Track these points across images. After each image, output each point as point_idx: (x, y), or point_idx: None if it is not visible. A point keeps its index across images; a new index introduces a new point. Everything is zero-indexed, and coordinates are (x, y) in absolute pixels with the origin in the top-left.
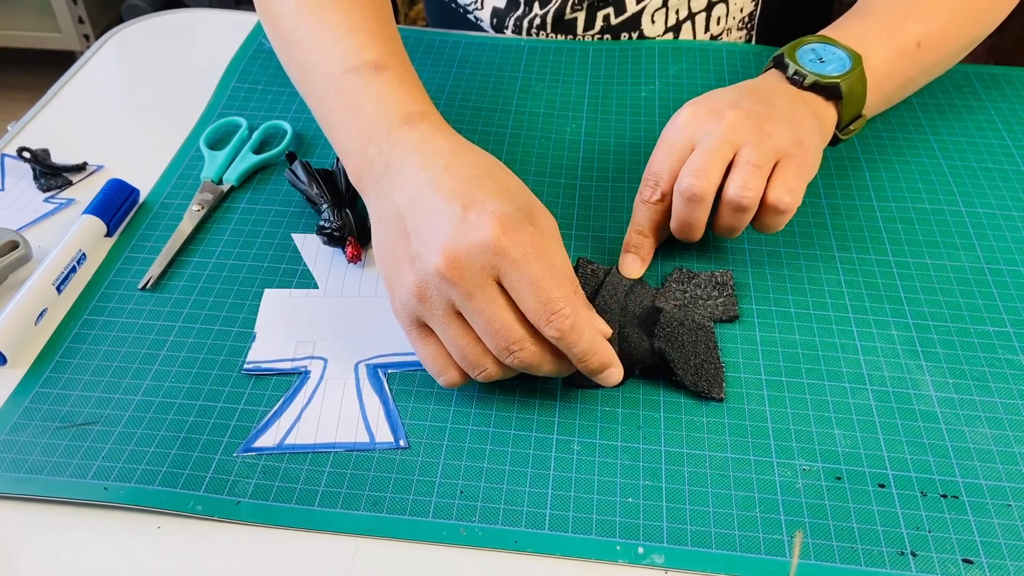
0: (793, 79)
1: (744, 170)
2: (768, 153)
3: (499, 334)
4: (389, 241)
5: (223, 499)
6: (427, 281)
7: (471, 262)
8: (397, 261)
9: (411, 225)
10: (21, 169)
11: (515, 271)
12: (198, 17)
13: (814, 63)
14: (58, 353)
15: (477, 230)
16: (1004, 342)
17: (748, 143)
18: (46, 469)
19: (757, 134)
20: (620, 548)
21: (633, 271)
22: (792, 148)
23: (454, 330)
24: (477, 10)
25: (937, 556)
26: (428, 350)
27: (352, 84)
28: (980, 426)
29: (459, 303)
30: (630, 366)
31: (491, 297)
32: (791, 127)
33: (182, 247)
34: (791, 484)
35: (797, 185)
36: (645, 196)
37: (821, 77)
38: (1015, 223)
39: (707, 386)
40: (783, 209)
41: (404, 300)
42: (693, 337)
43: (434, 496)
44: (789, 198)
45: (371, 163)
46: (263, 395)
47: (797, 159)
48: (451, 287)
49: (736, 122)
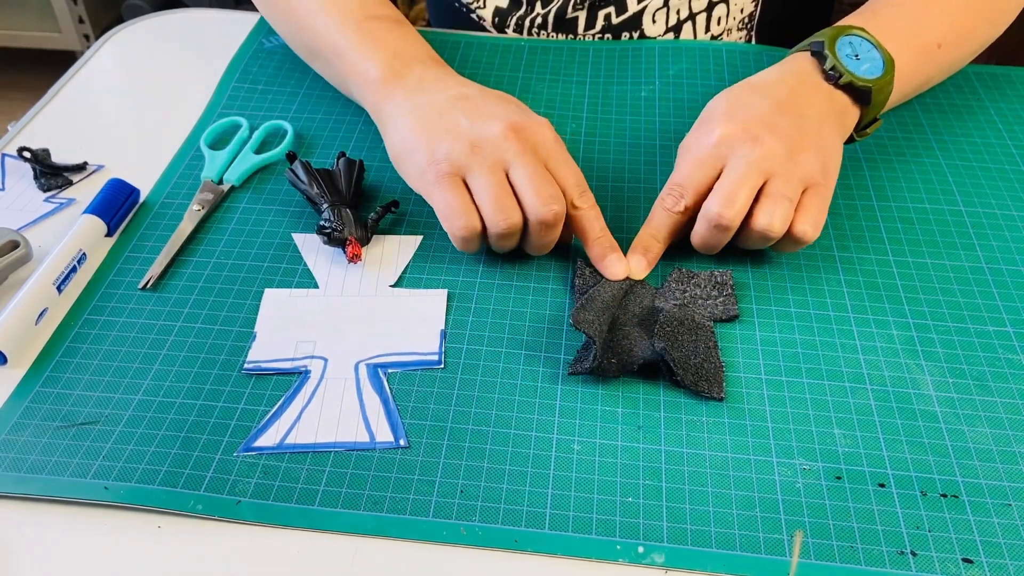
0: (829, 74)
1: (777, 202)
2: (798, 184)
3: (541, 186)
4: (428, 118)
5: (223, 499)
6: (485, 139)
7: (530, 135)
8: (441, 128)
9: (466, 106)
10: (21, 169)
11: (560, 155)
12: (198, 17)
13: (850, 59)
14: (58, 353)
15: (537, 121)
16: (1004, 342)
17: (779, 174)
18: (47, 468)
19: (788, 163)
20: (620, 547)
21: (638, 272)
22: (818, 177)
23: (497, 178)
24: (480, 9)
25: (937, 555)
26: (457, 197)
27: (375, 26)
28: (980, 426)
29: (511, 159)
30: (629, 364)
31: (538, 163)
32: (819, 152)
33: (182, 247)
34: (791, 483)
35: (820, 218)
36: (668, 205)
37: (856, 79)
38: (1015, 223)
39: (707, 386)
40: (805, 241)
41: (449, 151)
42: (693, 337)
43: (434, 495)
44: (812, 232)
45: (401, 77)
46: (263, 395)
47: (822, 189)
48: (509, 145)
49: (770, 151)
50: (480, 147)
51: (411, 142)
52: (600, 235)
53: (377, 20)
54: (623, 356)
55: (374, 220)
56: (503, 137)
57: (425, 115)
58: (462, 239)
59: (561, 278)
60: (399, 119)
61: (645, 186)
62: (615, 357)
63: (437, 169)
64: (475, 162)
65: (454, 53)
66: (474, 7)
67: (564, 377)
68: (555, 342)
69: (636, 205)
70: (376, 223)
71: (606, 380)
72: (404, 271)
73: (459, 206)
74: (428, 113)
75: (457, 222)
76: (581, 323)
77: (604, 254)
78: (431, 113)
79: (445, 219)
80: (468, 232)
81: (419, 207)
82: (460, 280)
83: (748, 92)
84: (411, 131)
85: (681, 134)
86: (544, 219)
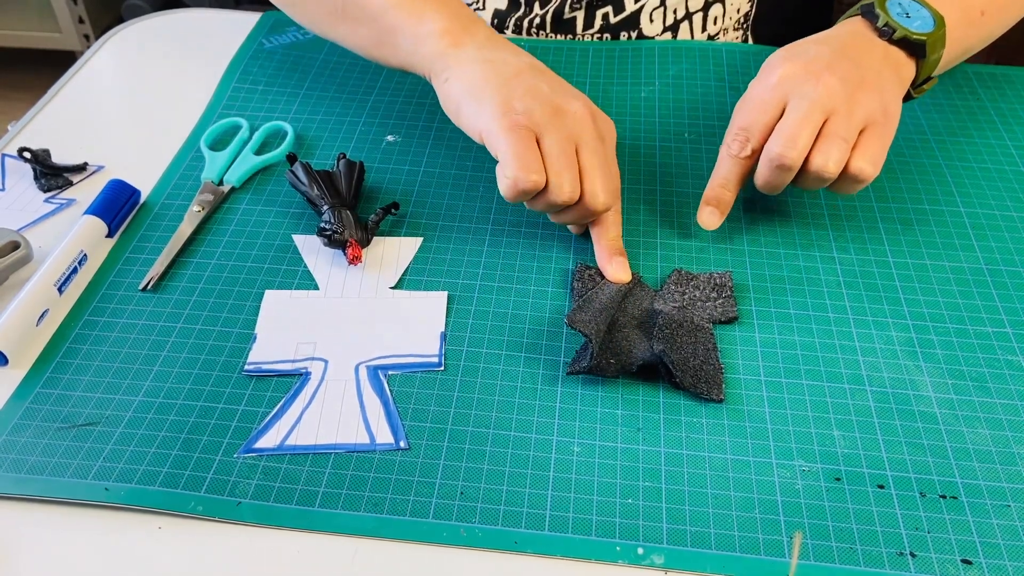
0: (883, 30)
1: (833, 143)
2: (857, 123)
3: (607, 178)
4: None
5: (224, 500)
6: (567, 111)
7: (599, 122)
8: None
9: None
10: (22, 169)
11: (613, 156)
12: (198, 17)
13: (901, 17)
14: (59, 354)
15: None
16: (1003, 343)
17: (839, 112)
18: (47, 470)
19: (848, 103)
20: (620, 549)
21: (711, 223)
22: (879, 116)
23: (571, 149)
24: (479, 11)
25: (936, 557)
26: (530, 148)
27: None
28: (979, 427)
29: (586, 139)
30: (628, 365)
31: (606, 150)
32: (879, 93)
33: (183, 248)
34: (790, 485)
35: (880, 156)
36: (734, 151)
37: (911, 33)
38: (1015, 223)
39: (706, 388)
40: (864, 179)
41: (529, 107)
42: (692, 339)
43: (434, 497)
44: (871, 169)
45: (469, 31)
46: (264, 396)
47: (882, 127)
48: (587, 126)
49: (831, 89)
50: (563, 115)
51: (484, 87)
52: (615, 238)
53: None
54: (622, 357)
55: (374, 222)
56: (583, 116)
57: (500, 69)
58: (521, 191)
59: (561, 280)
60: (469, 66)
61: (645, 187)
62: (613, 357)
63: (513, 119)
64: (554, 127)
65: None
66: (474, 8)
67: (564, 379)
68: (555, 344)
69: (636, 206)
70: (376, 225)
71: (605, 382)
72: (404, 273)
73: (531, 161)
74: (504, 68)
75: (524, 175)
76: (577, 323)
77: (612, 256)
78: (507, 70)
79: (511, 168)
80: (531, 187)
81: (419, 209)
82: (460, 282)
83: (806, 42)
84: (485, 78)
85: (681, 134)
86: (596, 206)
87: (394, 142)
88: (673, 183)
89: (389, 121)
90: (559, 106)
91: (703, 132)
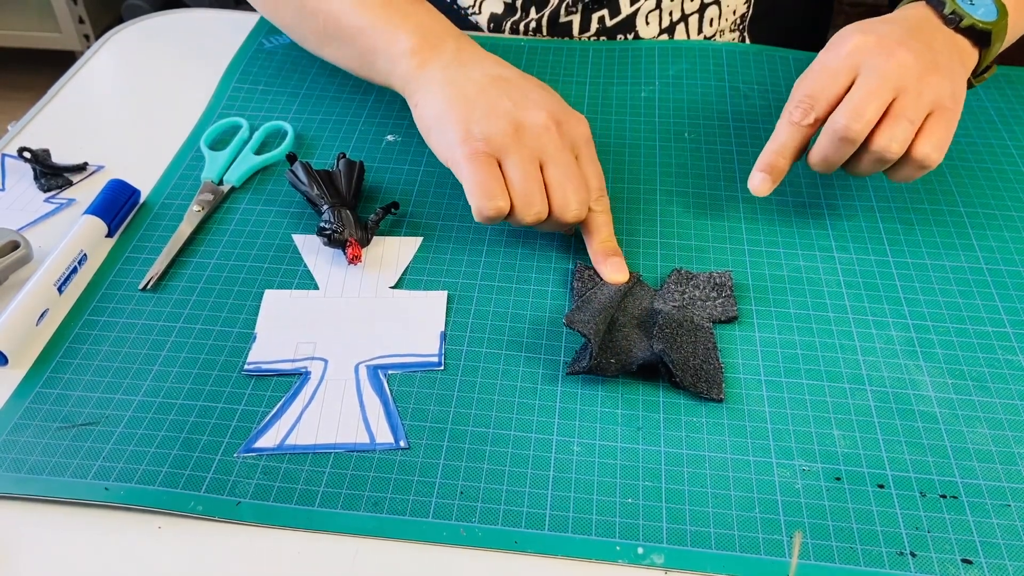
0: (950, 18)
1: (898, 124)
2: (925, 106)
3: (573, 190)
4: (467, 92)
5: (223, 499)
6: (526, 127)
7: (568, 129)
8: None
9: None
10: (21, 169)
11: (589, 155)
12: (198, 17)
13: (966, 4)
14: (59, 353)
15: (576, 118)
16: (1003, 343)
17: (908, 91)
18: (47, 469)
19: (919, 83)
20: (620, 548)
21: (763, 189)
22: (947, 101)
23: (533, 168)
24: (475, 14)
25: (936, 556)
26: (491, 176)
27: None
28: (979, 426)
29: (549, 152)
30: (628, 365)
31: (573, 161)
32: (950, 78)
33: (183, 248)
34: (790, 484)
35: (945, 142)
36: (796, 118)
37: (977, 21)
38: (1015, 223)
39: (706, 387)
40: (928, 165)
41: (487, 131)
42: (692, 338)
43: (434, 497)
44: (936, 155)
45: (436, 49)
46: (263, 396)
47: (949, 113)
48: (549, 138)
49: (904, 65)
50: (521, 133)
51: (447, 114)
52: (607, 239)
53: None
54: (621, 356)
55: (374, 221)
56: (544, 128)
57: (463, 89)
58: (488, 219)
59: (561, 280)
60: (434, 89)
61: (645, 187)
62: (613, 357)
63: (472, 146)
64: (513, 147)
65: None
66: (470, 12)
67: (564, 378)
68: (555, 344)
69: (636, 206)
70: (376, 224)
71: (605, 381)
72: (404, 272)
73: (492, 187)
74: (467, 88)
75: (488, 203)
76: (575, 323)
77: (606, 257)
78: (470, 88)
79: (475, 197)
80: (496, 214)
81: (419, 208)
82: (460, 282)
83: (875, 21)
84: (448, 103)
85: (681, 134)
86: (564, 221)
87: (394, 141)
88: (673, 183)
89: (389, 120)
90: (519, 123)
91: (703, 132)
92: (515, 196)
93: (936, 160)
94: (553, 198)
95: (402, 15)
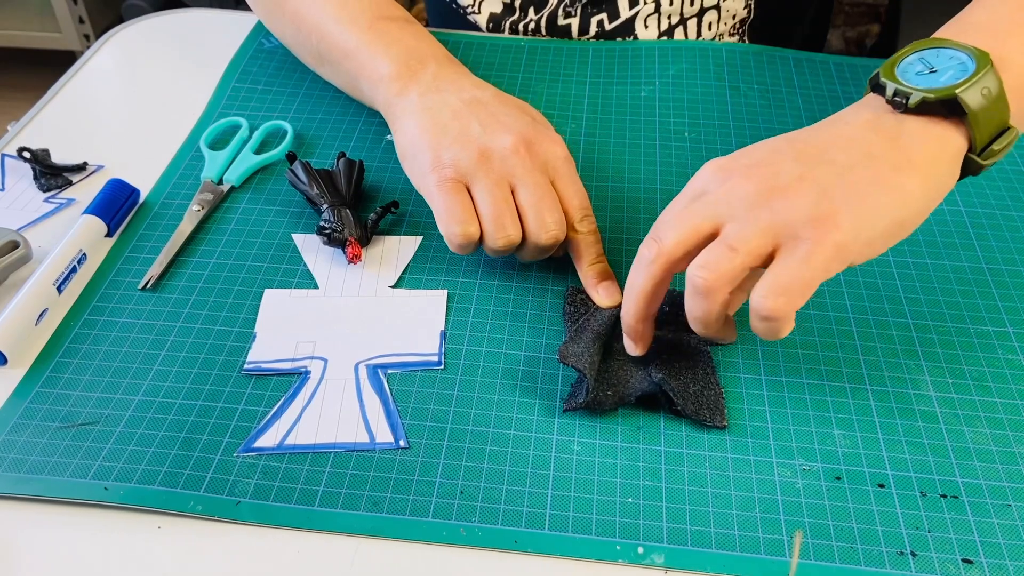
0: (895, 102)
1: (710, 249)
2: (754, 234)
3: (545, 212)
4: (440, 119)
5: (223, 499)
6: (494, 151)
7: (540, 151)
8: (452, 132)
9: (480, 113)
10: (21, 169)
11: (568, 175)
12: (198, 17)
13: (922, 76)
14: (58, 353)
15: (550, 138)
16: (1004, 342)
17: (734, 218)
18: (46, 469)
19: (752, 209)
20: (620, 548)
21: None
22: (805, 228)
23: (502, 192)
24: (474, 14)
25: (937, 556)
26: (458, 202)
27: (386, 26)
28: (980, 426)
29: (519, 175)
30: (627, 396)
31: (544, 183)
32: (825, 197)
33: (182, 247)
34: (791, 484)
35: (791, 283)
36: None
37: (929, 92)
38: (1015, 223)
39: (708, 414)
40: (764, 315)
41: (456, 158)
42: (690, 363)
43: (434, 496)
44: (772, 302)
45: (415, 74)
46: (263, 395)
47: (810, 242)
48: (518, 161)
49: (731, 190)
50: (489, 158)
51: (419, 142)
52: (595, 261)
53: (388, 20)
54: (619, 387)
55: (374, 221)
56: (513, 151)
57: (437, 116)
58: (459, 246)
59: (562, 279)
60: (410, 117)
61: (645, 187)
62: (610, 389)
63: (441, 173)
64: (481, 172)
65: (454, 53)
66: (469, 12)
67: (564, 378)
68: (555, 343)
69: (636, 206)
70: (376, 223)
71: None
72: (404, 272)
73: (460, 213)
74: (440, 114)
75: (456, 228)
76: (569, 357)
77: (597, 281)
78: (444, 114)
79: (444, 224)
80: (465, 240)
81: (419, 207)
82: (460, 281)
83: (774, 138)
84: (421, 131)
85: (681, 134)
86: (541, 244)
87: (393, 141)
88: (673, 183)
89: None
90: (486, 148)
91: (703, 132)
92: (485, 221)
93: (771, 309)
94: (527, 221)
95: (385, 40)
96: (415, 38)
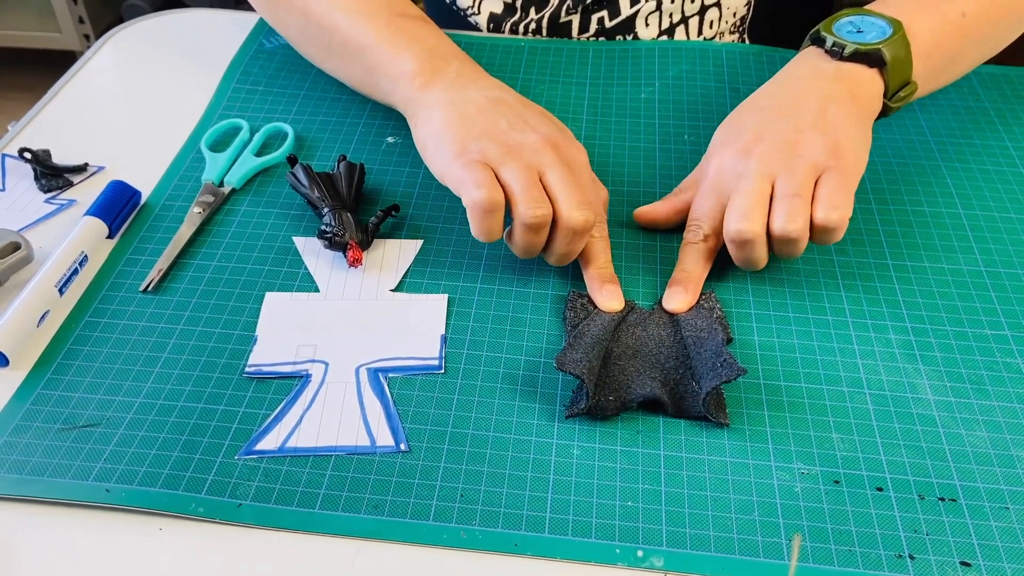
0: (832, 51)
1: (784, 202)
2: (805, 176)
3: (577, 190)
4: (467, 112)
5: (225, 501)
6: (523, 144)
7: (563, 149)
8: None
9: (507, 112)
10: (22, 169)
11: (590, 179)
12: (198, 17)
13: (852, 34)
14: (60, 355)
15: (576, 145)
16: (1002, 346)
17: (781, 174)
18: (48, 471)
19: (788, 161)
20: (619, 551)
21: (683, 304)
22: (828, 159)
23: (531, 173)
24: (474, 15)
25: (935, 559)
26: (484, 173)
27: (405, 23)
28: (978, 430)
29: (547, 164)
30: (628, 401)
31: (572, 172)
32: (823, 134)
33: (184, 249)
34: (789, 488)
35: (841, 199)
36: (690, 238)
37: (861, 45)
38: (1014, 226)
39: (713, 410)
40: (832, 227)
41: (483, 148)
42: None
43: (435, 499)
44: (836, 215)
45: (439, 71)
46: (264, 398)
47: (836, 169)
48: (545, 153)
49: (765, 156)
50: (515, 150)
51: (444, 134)
52: (603, 266)
53: (408, 18)
54: (620, 392)
55: (375, 224)
56: (540, 145)
57: (463, 110)
58: (483, 211)
59: (562, 284)
60: (435, 109)
61: (645, 188)
62: (612, 394)
63: (469, 158)
64: (511, 159)
65: None
66: (469, 12)
67: (564, 382)
68: (556, 347)
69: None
70: (377, 227)
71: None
72: (405, 275)
73: (484, 178)
74: (466, 108)
75: (481, 192)
76: (567, 364)
77: (602, 284)
78: (469, 109)
79: (468, 189)
80: (490, 202)
81: (420, 211)
82: (461, 285)
83: (741, 112)
84: (446, 122)
85: (680, 135)
86: (575, 223)
87: (394, 144)
88: (673, 184)
89: (389, 123)
90: (515, 142)
91: (703, 133)
92: (515, 198)
93: (837, 219)
94: (557, 201)
95: (407, 36)
96: (435, 37)
